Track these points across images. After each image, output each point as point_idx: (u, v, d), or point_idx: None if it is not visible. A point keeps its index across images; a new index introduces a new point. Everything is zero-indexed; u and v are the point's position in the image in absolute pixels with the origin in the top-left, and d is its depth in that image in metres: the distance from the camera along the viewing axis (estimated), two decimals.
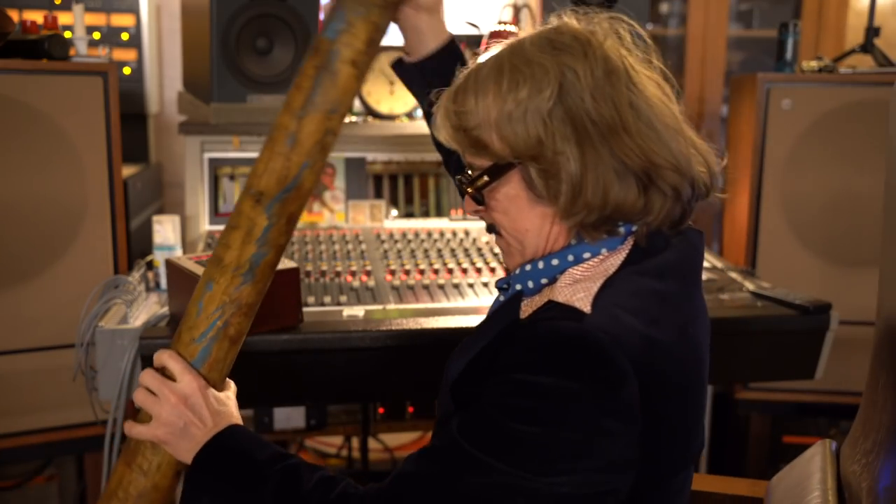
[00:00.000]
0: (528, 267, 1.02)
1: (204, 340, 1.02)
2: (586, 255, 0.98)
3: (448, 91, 1.02)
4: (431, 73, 1.26)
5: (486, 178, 0.98)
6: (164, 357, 1.01)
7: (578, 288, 0.93)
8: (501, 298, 1.08)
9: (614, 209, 0.94)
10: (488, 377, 0.92)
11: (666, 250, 0.99)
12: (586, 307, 0.90)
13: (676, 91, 1.04)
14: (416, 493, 0.91)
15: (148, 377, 1.01)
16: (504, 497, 0.88)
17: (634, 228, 0.97)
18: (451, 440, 0.90)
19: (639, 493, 0.94)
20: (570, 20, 1.00)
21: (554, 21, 1.01)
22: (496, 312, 1.05)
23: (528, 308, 0.99)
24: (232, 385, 1.08)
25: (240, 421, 1.02)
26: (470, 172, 1.01)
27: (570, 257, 0.98)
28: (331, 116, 0.99)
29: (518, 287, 1.02)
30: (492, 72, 0.97)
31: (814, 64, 2.35)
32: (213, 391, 1.01)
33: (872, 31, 2.42)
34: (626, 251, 0.97)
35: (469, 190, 1.01)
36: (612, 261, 0.96)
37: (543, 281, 1.00)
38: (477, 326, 1.05)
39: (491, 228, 1.05)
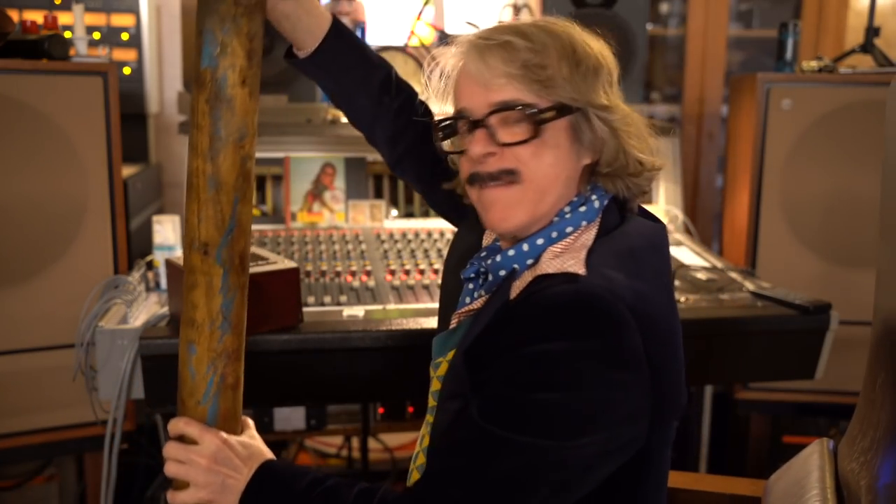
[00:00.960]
0: (510, 252, 1.04)
1: (208, 400, 1.04)
2: (568, 229, 1.03)
3: (503, 27, 1.05)
4: (329, 62, 1.22)
5: (553, 112, 1.01)
6: (179, 425, 1.04)
7: (566, 257, 0.99)
8: (471, 287, 1.10)
9: (639, 161, 1.05)
10: (495, 360, 0.94)
11: (624, 222, 1.06)
12: (581, 269, 0.95)
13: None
14: (452, 489, 0.93)
15: (172, 449, 1.03)
16: (538, 473, 0.90)
17: (606, 202, 1.05)
18: (475, 427, 0.93)
19: (645, 443, 0.97)
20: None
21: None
22: (490, 302, 1.04)
23: (515, 289, 1.01)
24: (249, 422, 1.12)
25: (269, 455, 1.05)
26: (524, 108, 1.00)
27: (554, 234, 1.03)
28: (242, 144, 0.98)
29: (501, 272, 1.04)
30: (548, 25, 1.05)
31: (814, 64, 2.35)
32: (234, 439, 1.04)
33: (872, 31, 2.41)
34: (598, 224, 1.03)
35: (526, 123, 1.01)
36: (588, 234, 1.02)
37: (529, 262, 1.03)
38: (474, 314, 1.06)
39: (491, 177, 1.03)
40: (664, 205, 2.47)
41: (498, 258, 1.05)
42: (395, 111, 1.30)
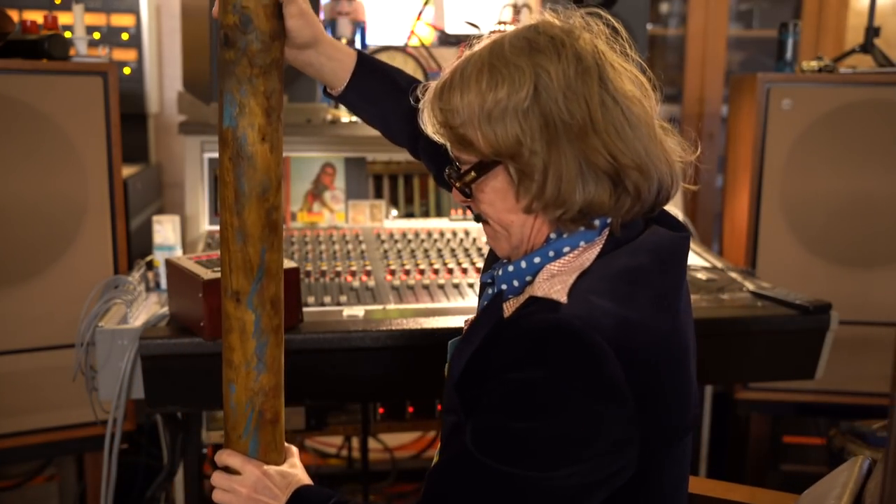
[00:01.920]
0: (510, 268, 1.04)
1: (249, 434, 1.11)
2: (566, 248, 1.01)
3: (435, 87, 1.03)
4: (358, 99, 1.28)
5: (472, 173, 1.01)
6: (224, 457, 1.11)
7: (555, 281, 0.97)
8: (490, 292, 1.10)
9: (586, 206, 0.97)
10: (485, 380, 0.94)
11: (639, 235, 1.02)
12: (563, 297, 0.94)
13: (654, 84, 1.06)
14: None
15: (218, 478, 1.11)
16: (521, 502, 0.90)
17: (609, 220, 1.01)
18: (464, 452, 0.94)
19: (644, 465, 0.96)
20: (549, 17, 1.03)
21: (534, 18, 1.03)
22: (482, 315, 1.07)
23: (511, 306, 1.02)
24: (293, 450, 1.17)
25: (306, 481, 1.11)
26: (458, 166, 1.03)
27: (551, 253, 1.01)
28: (265, 197, 1.04)
29: (503, 287, 1.05)
30: (474, 70, 0.99)
31: (814, 64, 2.35)
32: (274, 469, 1.10)
33: (872, 31, 2.41)
34: (602, 243, 1.00)
35: (457, 184, 1.03)
36: (588, 254, 0.99)
37: (528, 279, 1.03)
38: (468, 328, 1.07)
39: (478, 217, 1.08)
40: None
41: (500, 272, 1.06)
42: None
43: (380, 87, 1.28)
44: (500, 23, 2.40)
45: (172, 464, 2.02)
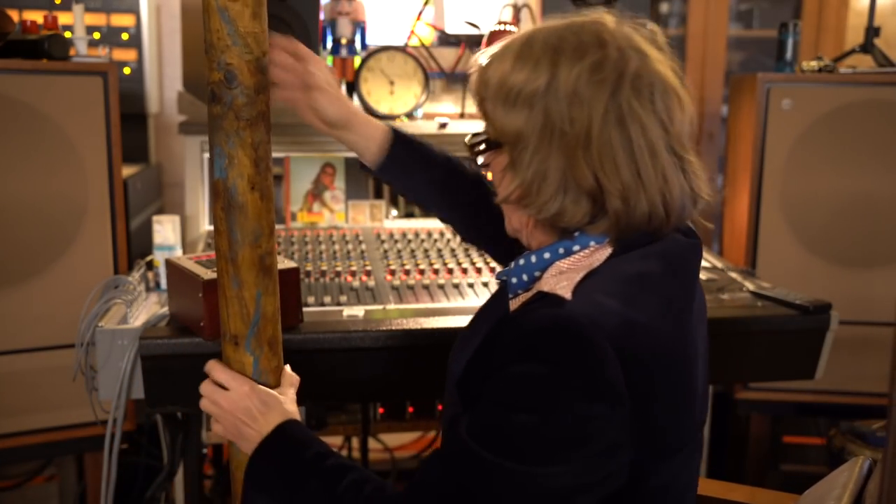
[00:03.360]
0: (521, 261, 1.05)
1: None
2: (576, 247, 1.01)
3: (487, 53, 1.05)
4: (391, 175, 1.33)
5: (482, 145, 1.04)
6: (215, 371, 1.12)
7: (562, 278, 0.97)
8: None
9: (557, 216, 0.98)
10: (488, 375, 0.94)
11: (652, 243, 1.01)
12: (568, 294, 0.94)
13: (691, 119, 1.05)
14: (431, 499, 0.94)
15: (205, 386, 1.14)
16: (508, 496, 0.89)
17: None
18: (461, 443, 0.93)
19: (640, 472, 0.95)
20: (605, 19, 1.01)
21: (591, 16, 1.02)
22: (485, 309, 1.07)
23: (518, 301, 1.03)
24: (288, 379, 1.16)
25: (291, 415, 1.10)
26: (478, 133, 1.06)
27: (561, 250, 1.01)
28: (258, 243, 1.08)
29: (514, 280, 1.05)
30: (512, 48, 1.01)
31: (814, 64, 2.35)
32: (260, 391, 1.09)
33: (872, 31, 2.41)
34: (610, 245, 1.00)
35: (470, 151, 1.07)
36: (598, 254, 0.99)
37: (536, 274, 1.03)
38: (470, 322, 1.07)
39: None
40: None
41: (513, 265, 1.06)
42: (465, 202, 1.37)
43: (413, 164, 1.33)
44: (500, 23, 2.40)
45: (172, 464, 2.02)
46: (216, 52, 1.03)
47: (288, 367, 1.18)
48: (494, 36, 2.29)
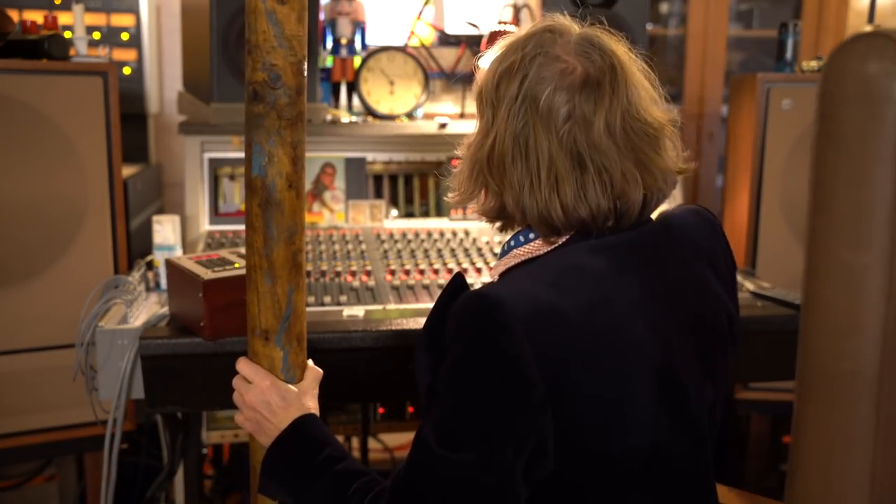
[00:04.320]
0: (505, 248, 1.10)
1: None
2: (532, 234, 1.05)
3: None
4: None
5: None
6: (241, 364, 1.16)
7: (502, 263, 1.03)
8: None
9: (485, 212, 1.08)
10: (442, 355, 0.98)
11: (615, 234, 1.01)
12: (496, 277, 1.00)
13: (665, 97, 1.06)
14: (401, 499, 0.96)
15: (236, 380, 1.17)
16: (448, 489, 0.92)
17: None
18: (416, 438, 0.97)
19: (576, 491, 0.95)
20: (566, 22, 1.04)
21: (550, 21, 1.05)
22: (438, 299, 1.09)
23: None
24: (312, 374, 1.19)
25: (310, 410, 1.14)
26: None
27: (521, 238, 1.06)
28: (293, 240, 1.10)
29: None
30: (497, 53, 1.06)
31: (814, 64, 2.35)
32: (281, 386, 1.13)
33: None
34: (569, 234, 1.02)
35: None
36: (545, 245, 1.04)
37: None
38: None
39: None
40: (664, 205, 2.47)
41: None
42: None
43: None
44: (500, 22, 2.40)
45: (172, 464, 2.02)
46: (261, 52, 1.05)
47: (311, 362, 1.20)
48: (494, 36, 2.29)
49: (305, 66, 1.08)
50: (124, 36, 2.55)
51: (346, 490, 1.01)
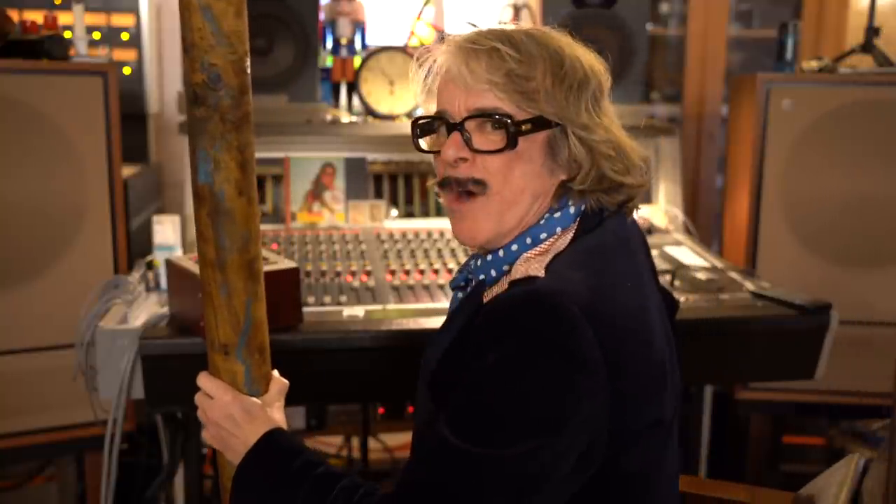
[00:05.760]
0: (489, 257, 1.06)
1: None
2: (542, 235, 1.03)
3: (493, 32, 1.04)
4: None
5: (529, 125, 1.01)
6: (202, 380, 1.11)
7: (533, 262, 1.00)
8: (460, 296, 1.11)
9: (601, 178, 1.03)
10: (466, 364, 0.94)
11: (602, 223, 1.05)
12: (540, 272, 0.96)
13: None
14: (417, 500, 0.92)
15: (197, 397, 1.12)
16: (489, 483, 0.89)
17: (583, 207, 1.04)
18: (440, 438, 0.92)
19: (612, 452, 0.95)
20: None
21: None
22: (462, 305, 1.08)
23: (489, 295, 1.04)
24: (277, 386, 1.13)
25: (277, 424, 1.08)
26: (502, 118, 1.01)
27: (528, 240, 1.03)
28: (247, 248, 1.04)
29: (482, 276, 1.06)
30: (539, 35, 1.04)
31: (814, 64, 2.35)
32: (246, 400, 1.07)
33: (872, 31, 2.41)
34: (574, 229, 1.03)
35: (509, 131, 1.01)
36: (562, 239, 1.02)
37: (505, 268, 1.04)
38: (443, 324, 1.07)
39: (458, 183, 1.05)
40: (664, 205, 2.47)
41: (478, 262, 1.07)
42: None
43: None
44: (500, 22, 2.40)
45: (172, 464, 2.02)
46: (198, 51, 0.96)
47: (276, 373, 1.15)
48: None
49: (248, 64, 1.00)
50: (124, 36, 2.55)
51: (328, 493, 0.97)
